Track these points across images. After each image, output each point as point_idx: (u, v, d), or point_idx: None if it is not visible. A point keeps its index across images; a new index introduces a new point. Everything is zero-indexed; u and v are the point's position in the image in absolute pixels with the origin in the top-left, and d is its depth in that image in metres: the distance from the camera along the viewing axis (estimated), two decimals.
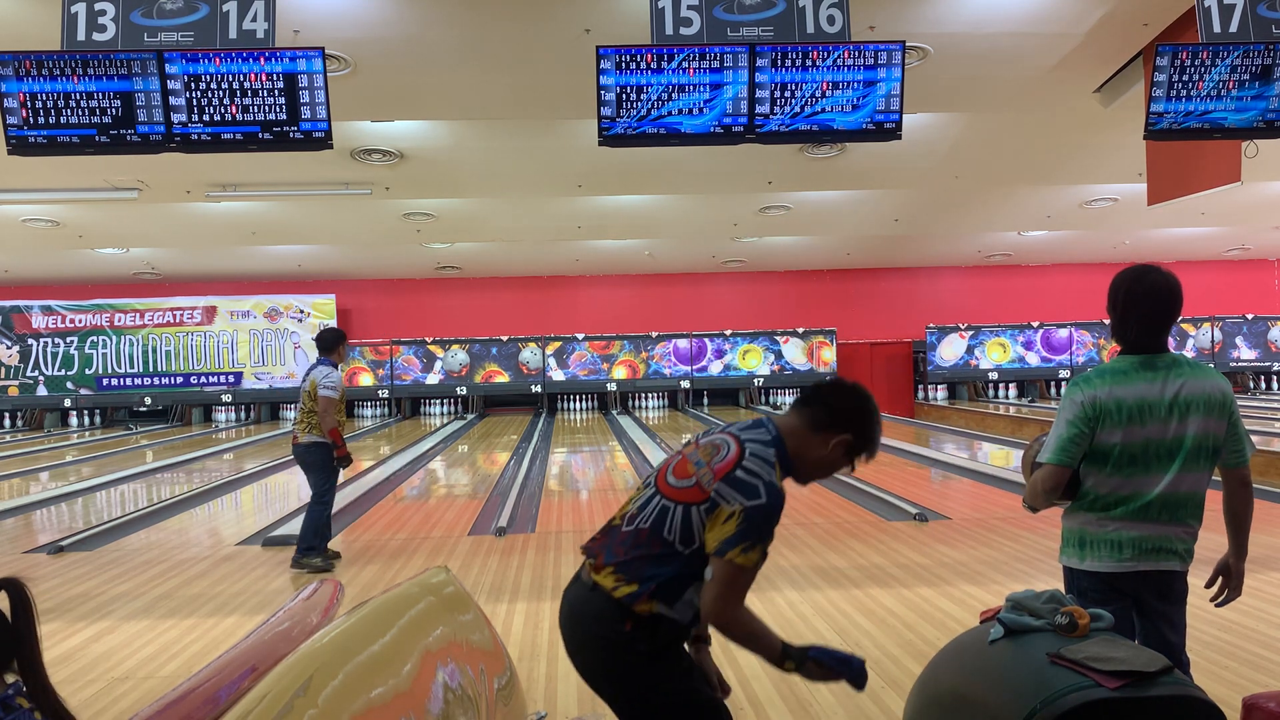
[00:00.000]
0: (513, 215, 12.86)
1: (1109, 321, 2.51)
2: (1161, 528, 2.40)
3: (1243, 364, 18.28)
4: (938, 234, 15.45)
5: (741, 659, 3.66)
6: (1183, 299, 2.47)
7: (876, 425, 2.14)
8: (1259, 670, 3.40)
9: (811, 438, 2.11)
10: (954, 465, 9.42)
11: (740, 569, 1.96)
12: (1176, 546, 2.42)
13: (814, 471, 2.15)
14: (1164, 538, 2.40)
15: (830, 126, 5.04)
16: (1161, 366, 2.41)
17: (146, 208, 11.54)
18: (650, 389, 18.29)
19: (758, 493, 1.97)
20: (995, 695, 1.95)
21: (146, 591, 5.03)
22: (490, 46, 6.85)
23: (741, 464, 2.01)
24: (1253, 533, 2.61)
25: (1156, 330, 2.43)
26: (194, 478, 9.95)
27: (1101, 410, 2.38)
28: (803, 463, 2.12)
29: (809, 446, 2.11)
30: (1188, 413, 2.37)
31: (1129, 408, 2.37)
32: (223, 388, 17.58)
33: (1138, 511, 2.39)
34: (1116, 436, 2.37)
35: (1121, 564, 2.40)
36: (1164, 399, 2.37)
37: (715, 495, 1.98)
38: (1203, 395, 2.39)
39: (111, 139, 4.86)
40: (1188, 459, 2.37)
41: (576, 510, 7.37)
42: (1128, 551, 2.40)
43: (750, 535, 1.95)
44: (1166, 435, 2.37)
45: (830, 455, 2.11)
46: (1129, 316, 2.43)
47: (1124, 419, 2.37)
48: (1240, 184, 7.36)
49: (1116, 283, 2.47)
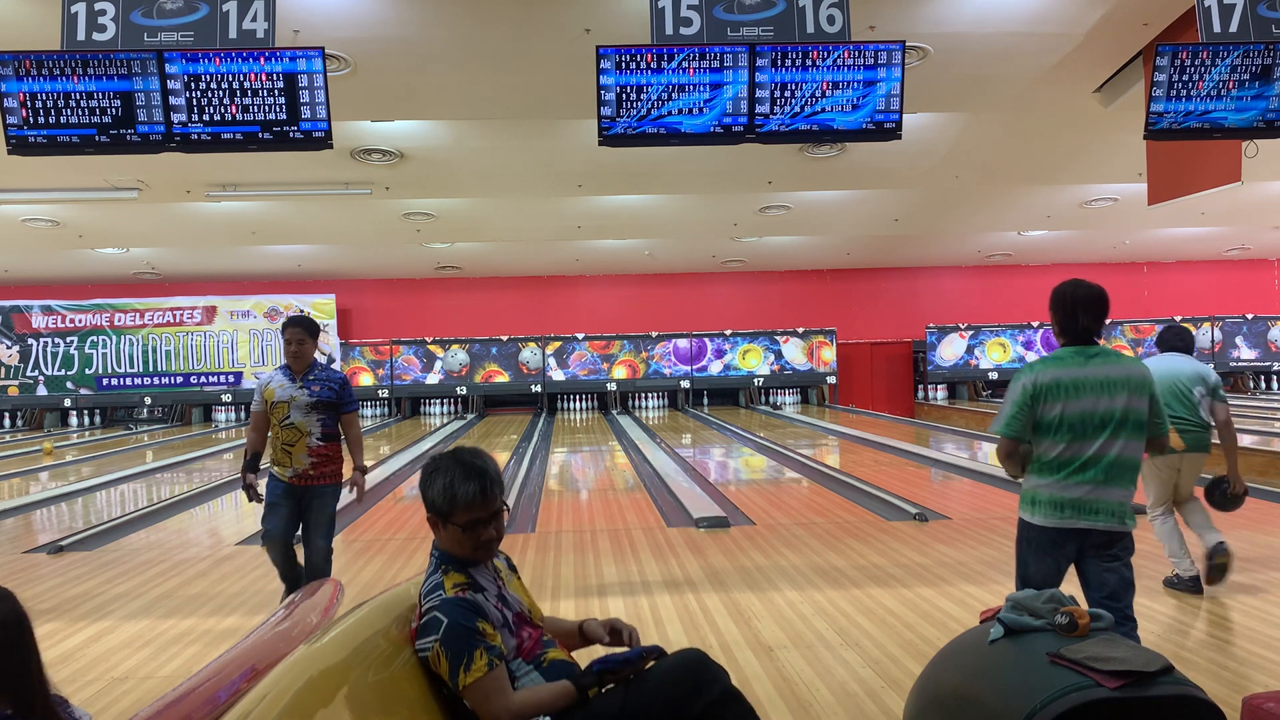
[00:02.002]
0: (513, 215, 12.86)
1: (1051, 322, 3.09)
2: (1098, 490, 2.87)
3: (1243, 364, 18.28)
4: (938, 234, 15.45)
5: (741, 659, 3.66)
6: (1109, 304, 3.03)
7: (441, 490, 2.19)
8: (1259, 670, 3.40)
9: (438, 534, 2.23)
10: (954, 465, 9.42)
11: (477, 684, 2.03)
12: (1113, 508, 2.88)
13: (460, 553, 2.21)
14: (1099, 500, 2.87)
15: (830, 126, 5.04)
16: (1092, 354, 2.96)
17: (146, 208, 11.54)
18: (650, 389, 18.29)
19: (438, 624, 2.06)
20: (995, 695, 1.95)
21: (146, 591, 5.02)
22: (490, 46, 6.85)
23: (421, 610, 2.14)
24: (1252, 532, 2.63)
25: (1089, 327, 2.99)
26: (194, 478, 9.95)
27: (1041, 389, 2.92)
28: (451, 550, 2.22)
29: (442, 541, 2.23)
30: (1115, 390, 2.90)
31: (1065, 385, 2.91)
32: (223, 388, 17.57)
33: (1078, 473, 2.88)
34: (1057, 409, 2.90)
35: (1063, 520, 2.89)
36: (1095, 378, 2.91)
37: (419, 650, 2.10)
38: (1125, 376, 2.92)
39: (111, 139, 4.85)
40: (1117, 428, 2.88)
41: (576, 510, 7.37)
42: (1068, 511, 2.89)
43: (459, 656, 2.03)
44: (1099, 409, 2.89)
45: (447, 538, 2.21)
46: (1067, 317, 3.01)
47: (1062, 394, 2.90)
48: (1240, 184, 7.36)
49: (1057, 291, 3.07)
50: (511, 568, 2.43)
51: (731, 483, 8.80)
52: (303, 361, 4.56)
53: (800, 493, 8.05)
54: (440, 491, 2.17)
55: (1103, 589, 2.91)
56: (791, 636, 3.94)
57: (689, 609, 4.42)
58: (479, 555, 2.21)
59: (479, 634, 2.06)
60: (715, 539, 5.97)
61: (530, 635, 2.25)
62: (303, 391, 4.49)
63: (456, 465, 2.19)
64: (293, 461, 4.49)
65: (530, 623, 2.29)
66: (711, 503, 7.23)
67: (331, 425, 4.56)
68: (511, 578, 2.37)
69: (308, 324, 4.62)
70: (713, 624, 4.16)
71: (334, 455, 4.58)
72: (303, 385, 4.51)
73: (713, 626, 4.13)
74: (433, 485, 2.19)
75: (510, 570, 2.41)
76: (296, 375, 4.55)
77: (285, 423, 4.48)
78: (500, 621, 2.16)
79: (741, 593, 4.67)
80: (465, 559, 2.21)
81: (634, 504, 7.48)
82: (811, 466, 9.51)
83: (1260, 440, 9.39)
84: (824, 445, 11.71)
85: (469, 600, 2.10)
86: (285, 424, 4.48)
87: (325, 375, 4.61)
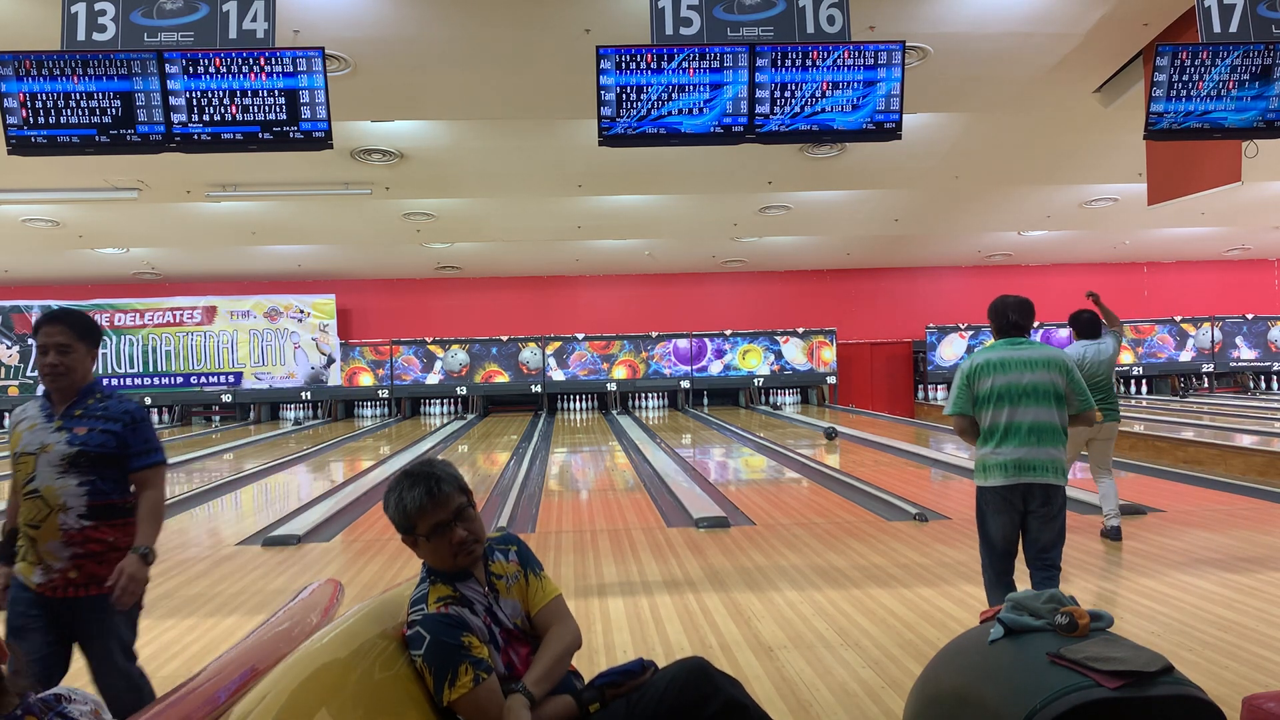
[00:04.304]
0: (513, 215, 12.86)
1: (990, 329, 3.88)
2: (1031, 450, 3.57)
3: (1243, 364, 18.27)
4: (938, 234, 15.45)
5: (741, 659, 3.66)
6: (1034, 308, 3.84)
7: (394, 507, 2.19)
8: (1259, 670, 3.40)
9: (419, 554, 2.23)
10: (954, 465, 9.41)
11: (464, 699, 2.01)
12: (1046, 464, 3.58)
13: (443, 564, 2.21)
14: (1034, 459, 3.57)
15: (830, 126, 5.04)
16: (1018, 343, 3.74)
17: (146, 208, 11.54)
18: (650, 389, 18.29)
19: (420, 639, 2.05)
20: (995, 695, 1.95)
21: (147, 591, 5.01)
22: (490, 46, 6.85)
23: (407, 620, 2.13)
24: (1252, 532, 2.64)
25: (1017, 322, 3.78)
26: (194, 478, 9.95)
27: (975, 370, 3.70)
28: (435, 566, 2.22)
29: (424, 557, 2.22)
30: (1036, 368, 3.63)
31: (994, 364, 3.67)
32: (223, 388, 17.58)
33: (1011, 437, 3.58)
34: (988, 384, 3.65)
35: (1008, 479, 3.58)
36: (1018, 359, 3.66)
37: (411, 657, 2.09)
38: (1044, 356, 3.66)
39: (111, 139, 4.85)
40: (1040, 397, 3.60)
41: (576, 510, 7.37)
42: (1011, 471, 3.59)
43: (444, 672, 2.01)
44: (1022, 381, 3.61)
45: (425, 554, 2.21)
46: (999, 316, 3.82)
47: (991, 371, 3.66)
48: (1240, 184, 7.36)
49: (992, 303, 3.87)
50: (525, 562, 2.32)
51: (731, 483, 8.80)
52: (65, 384, 2.75)
53: (800, 493, 8.05)
54: (394, 509, 2.17)
55: (1038, 543, 3.62)
56: (791, 637, 3.94)
57: (689, 609, 4.42)
58: (460, 561, 2.17)
59: (463, 649, 2.03)
60: (715, 539, 5.97)
61: (522, 655, 2.20)
62: (59, 435, 2.70)
63: (403, 479, 2.19)
64: (40, 555, 2.68)
65: (526, 639, 2.23)
66: (711, 503, 7.23)
67: (109, 492, 2.75)
68: (517, 580, 2.29)
69: (74, 320, 2.78)
70: (713, 624, 4.16)
71: (112, 544, 2.76)
72: (62, 426, 2.72)
73: (713, 627, 4.13)
74: (388, 506, 2.19)
75: (523, 567, 2.31)
76: (56, 408, 2.76)
77: (29, 490, 2.70)
78: (486, 637, 2.12)
79: (741, 593, 4.67)
80: (452, 571, 2.18)
81: (634, 504, 7.48)
82: (811, 466, 9.52)
83: (1260, 440, 9.39)
84: (824, 445, 11.71)
85: (451, 616, 2.08)
86: (29, 493, 2.70)
87: (104, 409, 2.77)
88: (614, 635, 4.04)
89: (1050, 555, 3.61)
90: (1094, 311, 6.04)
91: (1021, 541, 3.67)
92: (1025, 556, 3.69)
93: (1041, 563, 3.64)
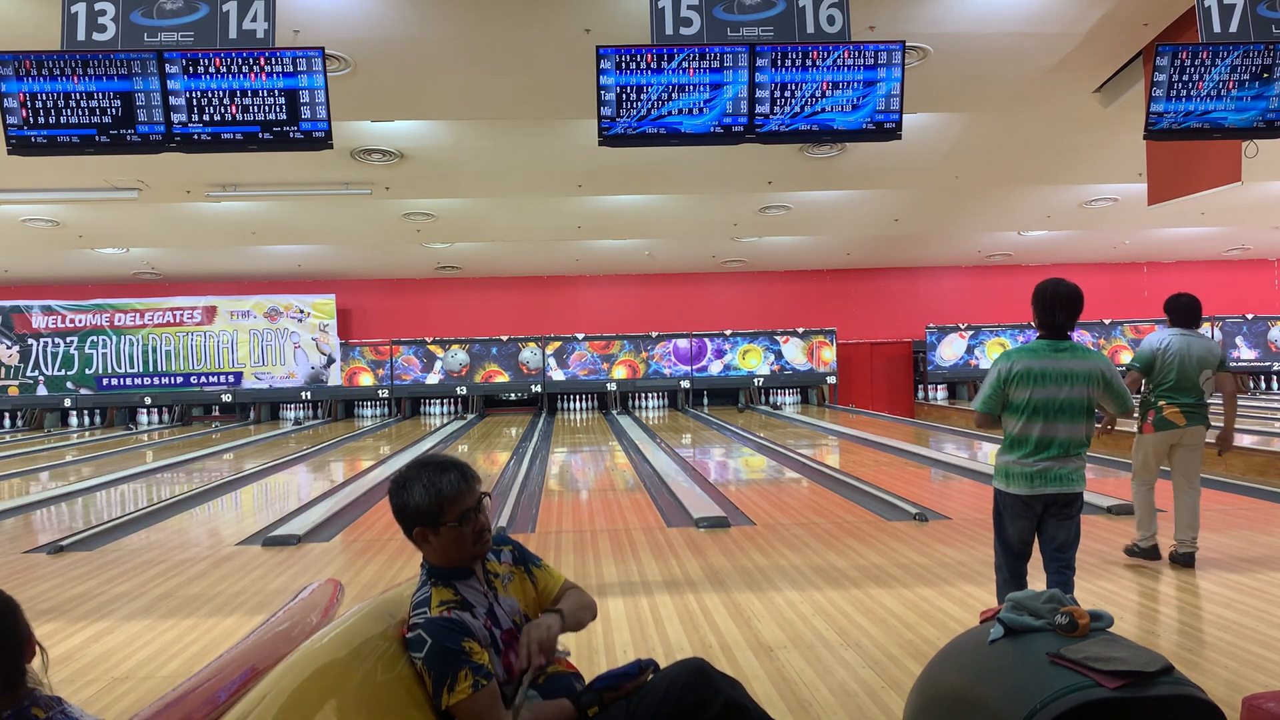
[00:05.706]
0: (513, 215, 12.86)
1: (1032, 315, 3.60)
2: (1058, 462, 3.49)
3: (1243, 364, 18.27)
4: (938, 234, 15.45)
5: (741, 659, 3.66)
6: (1084, 302, 3.55)
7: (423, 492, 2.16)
8: (1259, 670, 3.40)
9: (430, 546, 2.20)
10: (954, 465, 9.41)
11: (462, 704, 2.00)
12: (1072, 474, 3.51)
13: (461, 554, 2.19)
14: (1061, 469, 3.49)
15: (830, 126, 5.04)
16: (1061, 349, 3.51)
17: (146, 208, 11.55)
18: (650, 389, 18.29)
19: (421, 643, 2.04)
20: (995, 695, 1.95)
21: (146, 591, 5.02)
22: (490, 46, 6.85)
23: (408, 623, 2.12)
24: (1252, 533, 2.64)
25: (1063, 324, 3.53)
26: (194, 478, 9.95)
27: (1013, 377, 3.52)
28: (444, 562, 2.20)
29: (435, 553, 2.20)
30: (1075, 382, 3.47)
31: (1035, 374, 3.48)
32: (223, 388, 17.57)
33: (1042, 449, 3.49)
34: (1024, 395, 3.49)
35: (1033, 489, 3.53)
36: (1059, 370, 3.47)
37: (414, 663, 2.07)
38: (1085, 370, 3.48)
39: (111, 139, 4.86)
40: (1074, 413, 3.47)
41: (576, 510, 7.37)
42: (1037, 481, 3.52)
43: (443, 677, 2.00)
44: (1059, 396, 3.46)
45: (443, 544, 2.17)
46: (1046, 312, 3.54)
47: (1030, 382, 3.48)
48: (1240, 184, 7.36)
49: (1039, 288, 3.57)
50: (521, 560, 2.37)
51: (731, 483, 8.80)
52: None
53: (800, 493, 8.05)
54: (423, 494, 2.13)
55: (1054, 541, 3.58)
56: (791, 636, 3.94)
57: (689, 609, 4.42)
58: (479, 550, 2.19)
59: (464, 654, 2.02)
60: (715, 539, 5.97)
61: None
62: None
63: (427, 466, 2.17)
64: None
65: None
66: (711, 503, 7.22)
67: None
68: (512, 579, 2.31)
69: None
70: (713, 624, 4.16)
71: None
72: None
73: (713, 627, 4.13)
74: (410, 494, 2.14)
75: (521, 565, 2.35)
76: None
77: None
78: (487, 641, 2.12)
79: (741, 593, 4.67)
80: (458, 566, 2.18)
81: (634, 504, 7.48)
82: (811, 466, 9.51)
83: (1260, 440, 9.39)
84: (824, 445, 11.71)
85: (454, 620, 2.07)
86: None
87: None
88: (614, 635, 4.04)
89: (1066, 555, 3.58)
90: (1196, 297, 5.18)
91: (1038, 540, 3.66)
92: (1041, 554, 3.66)
93: (1058, 562, 3.61)
